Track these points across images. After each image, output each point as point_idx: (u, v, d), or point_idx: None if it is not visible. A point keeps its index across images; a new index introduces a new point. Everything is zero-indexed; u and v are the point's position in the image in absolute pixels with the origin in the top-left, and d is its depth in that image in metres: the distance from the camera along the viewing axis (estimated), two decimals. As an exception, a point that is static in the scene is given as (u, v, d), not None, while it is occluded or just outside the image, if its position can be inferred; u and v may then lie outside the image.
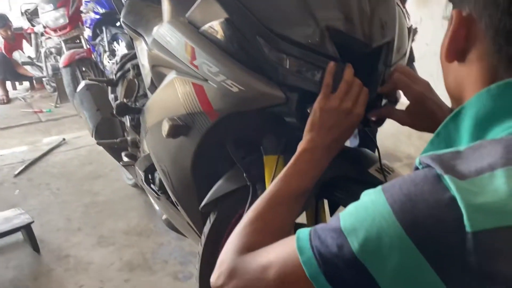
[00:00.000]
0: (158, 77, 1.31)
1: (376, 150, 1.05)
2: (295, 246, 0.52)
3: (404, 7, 1.09)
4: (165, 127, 1.12)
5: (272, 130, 1.08)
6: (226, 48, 0.93)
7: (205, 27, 0.97)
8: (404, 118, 0.89)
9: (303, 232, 0.53)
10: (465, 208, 0.41)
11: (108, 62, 4.76)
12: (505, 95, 0.50)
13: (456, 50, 0.55)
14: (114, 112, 1.48)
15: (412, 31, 1.06)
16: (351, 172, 1.01)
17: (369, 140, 1.02)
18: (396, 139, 2.79)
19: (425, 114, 0.85)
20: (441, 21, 2.42)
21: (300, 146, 0.85)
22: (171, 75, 1.14)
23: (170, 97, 1.14)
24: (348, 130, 0.85)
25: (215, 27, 0.94)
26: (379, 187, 0.48)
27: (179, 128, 1.11)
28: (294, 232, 0.55)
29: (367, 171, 1.00)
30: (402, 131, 2.79)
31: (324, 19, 0.86)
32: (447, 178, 0.43)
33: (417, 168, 0.48)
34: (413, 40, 1.01)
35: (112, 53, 4.83)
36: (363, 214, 0.47)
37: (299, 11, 0.87)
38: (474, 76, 0.54)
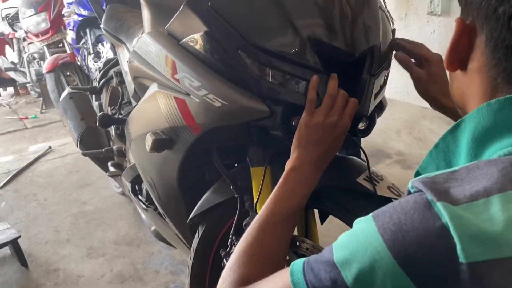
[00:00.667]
0: (140, 88, 1.28)
1: (365, 158, 1.03)
2: (289, 281, 0.51)
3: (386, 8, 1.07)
4: (149, 141, 1.09)
5: (258, 141, 1.06)
6: (208, 62, 0.91)
7: (185, 39, 0.95)
8: (420, 73, 0.90)
9: (297, 265, 0.52)
10: (458, 238, 0.40)
11: (93, 64, 4.69)
12: (505, 111, 0.48)
13: (458, 59, 0.54)
14: (97, 124, 1.45)
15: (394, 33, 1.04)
16: (340, 181, 0.99)
17: (356, 147, 1.00)
18: (385, 136, 2.78)
19: (442, 81, 0.86)
20: (426, 17, 2.41)
21: (288, 165, 0.83)
22: (153, 88, 1.11)
23: (152, 110, 1.12)
24: (335, 143, 0.84)
25: (195, 40, 0.91)
26: (370, 216, 0.47)
27: (163, 142, 1.09)
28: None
29: (356, 181, 0.99)
30: (391, 128, 2.79)
31: (305, 29, 0.84)
32: (439, 205, 0.41)
33: (409, 192, 0.47)
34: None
35: (97, 55, 4.76)
36: (355, 245, 0.46)
37: (279, 23, 0.85)
38: (475, 87, 0.53)
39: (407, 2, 2.51)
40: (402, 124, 2.78)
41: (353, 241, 0.47)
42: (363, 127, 0.96)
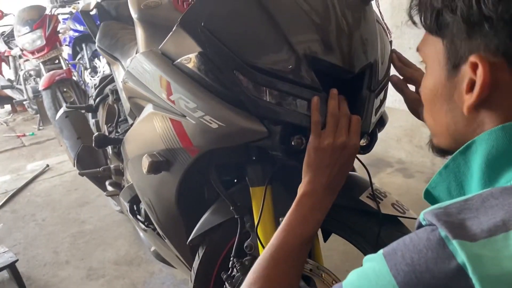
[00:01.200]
0: (135, 108, 1.25)
1: (368, 174, 1.01)
2: None
3: (383, 19, 1.05)
4: (145, 163, 1.06)
5: (257, 160, 1.03)
6: (203, 82, 0.88)
7: (180, 60, 0.92)
8: (412, 96, 0.90)
9: None
10: (479, 280, 0.37)
11: (90, 79, 4.69)
12: None
13: (480, 100, 0.49)
14: (93, 144, 1.42)
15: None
16: (343, 200, 0.96)
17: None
18: (385, 144, 2.76)
19: None
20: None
21: (300, 190, 0.81)
22: (148, 108, 1.09)
23: (148, 132, 1.09)
24: (347, 164, 0.81)
25: (190, 60, 0.89)
26: (381, 254, 0.44)
27: (159, 164, 1.06)
28: None
29: (359, 199, 0.96)
30: (391, 136, 2.76)
31: (301, 47, 0.82)
32: (455, 244, 0.38)
33: (420, 225, 0.44)
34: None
35: (94, 69, 4.76)
36: (367, 285, 0.43)
37: (275, 41, 0.82)
38: (488, 115, 0.50)
39: (403, 11, 2.50)
40: (402, 132, 2.75)
41: (364, 282, 0.44)
42: (364, 144, 0.93)
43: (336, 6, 0.87)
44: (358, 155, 0.96)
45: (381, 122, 1.00)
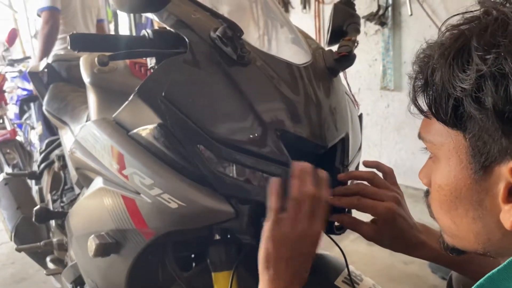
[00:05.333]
0: (84, 179, 1.13)
1: (343, 255, 0.92)
2: None
3: (350, 91, 1.02)
4: (92, 246, 0.93)
5: (221, 241, 0.93)
6: (162, 156, 0.79)
7: (137, 130, 0.83)
8: (370, 233, 0.76)
9: None
10: None
11: (37, 140, 4.44)
12: None
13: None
14: (33, 219, 1.26)
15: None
16: (317, 286, 0.87)
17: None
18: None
19: (393, 233, 0.73)
20: (379, 92, 2.46)
21: None
22: (97, 182, 0.97)
23: (96, 209, 0.97)
24: (310, 252, 0.71)
25: (148, 132, 0.80)
26: None
27: (108, 246, 0.93)
28: None
29: (335, 284, 0.87)
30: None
31: (270, 119, 0.76)
32: None
33: None
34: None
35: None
36: None
37: (242, 113, 0.76)
38: None
39: (359, 78, 2.57)
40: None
41: None
42: (339, 224, 0.86)
43: (304, 77, 0.83)
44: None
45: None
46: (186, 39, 0.79)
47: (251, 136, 0.75)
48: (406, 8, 2.58)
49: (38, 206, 1.28)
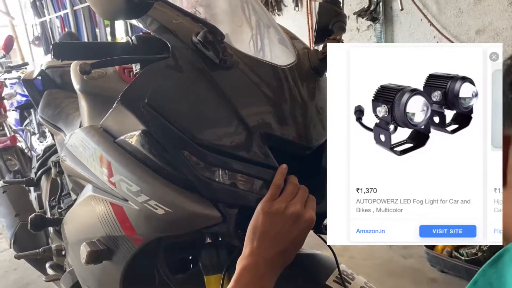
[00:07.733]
0: (76, 186, 1.14)
1: (333, 254, 0.92)
2: None
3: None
4: (83, 253, 0.93)
5: (212, 244, 0.93)
6: (148, 163, 0.79)
7: (122, 137, 0.83)
8: None
9: None
10: None
11: (39, 144, 4.46)
12: None
13: None
14: (29, 227, 1.27)
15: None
16: (307, 285, 0.87)
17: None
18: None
19: None
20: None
21: (240, 263, 0.69)
22: (87, 190, 0.97)
23: (87, 216, 0.97)
24: (298, 240, 0.71)
25: (133, 139, 0.80)
26: None
27: (100, 253, 0.93)
28: None
29: (325, 284, 0.87)
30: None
31: (254, 122, 0.76)
32: None
33: None
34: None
35: (42, 134, 4.55)
36: None
37: (225, 117, 0.76)
38: None
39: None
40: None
41: None
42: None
43: (288, 78, 0.83)
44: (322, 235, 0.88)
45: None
46: (169, 44, 0.79)
47: (235, 140, 0.75)
48: (397, 3, 2.57)
49: (33, 214, 1.29)
